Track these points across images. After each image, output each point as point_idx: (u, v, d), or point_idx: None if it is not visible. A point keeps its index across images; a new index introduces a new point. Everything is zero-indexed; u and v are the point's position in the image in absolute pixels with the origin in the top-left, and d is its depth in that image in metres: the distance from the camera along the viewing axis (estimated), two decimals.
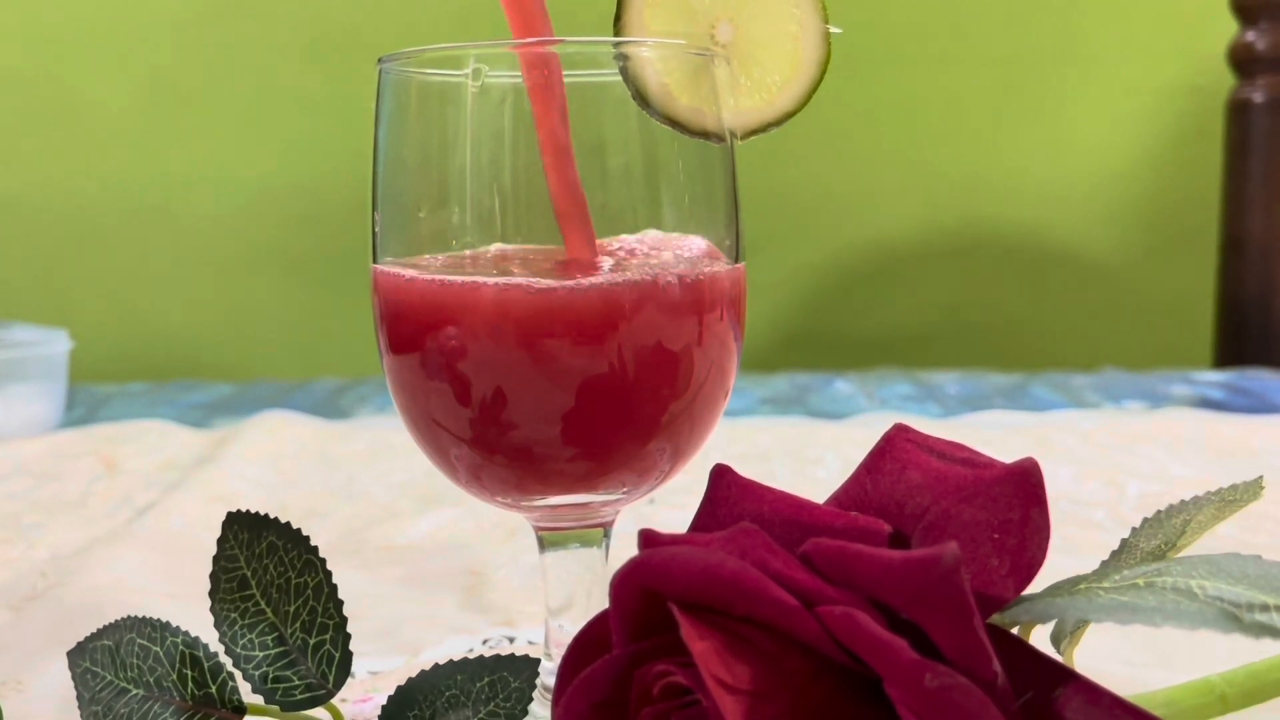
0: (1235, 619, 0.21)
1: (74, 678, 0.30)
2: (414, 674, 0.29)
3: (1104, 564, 0.30)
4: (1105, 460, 0.66)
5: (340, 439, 0.76)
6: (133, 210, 1.32)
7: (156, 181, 1.32)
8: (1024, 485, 0.24)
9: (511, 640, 0.43)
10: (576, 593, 0.34)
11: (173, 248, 1.33)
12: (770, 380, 0.96)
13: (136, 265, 1.33)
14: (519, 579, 0.50)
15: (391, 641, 0.43)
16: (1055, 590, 0.25)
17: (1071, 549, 0.52)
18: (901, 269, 1.31)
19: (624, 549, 0.26)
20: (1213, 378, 0.92)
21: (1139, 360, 1.15)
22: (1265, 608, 0.22)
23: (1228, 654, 0.32)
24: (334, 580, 0.29)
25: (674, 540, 0.23)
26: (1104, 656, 0.39)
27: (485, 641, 0.43)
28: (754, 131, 0.33)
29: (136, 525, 0.56)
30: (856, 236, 1.31)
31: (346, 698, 0.38)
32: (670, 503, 0.59)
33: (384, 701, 0.29)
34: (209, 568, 0.30)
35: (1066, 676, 0.22)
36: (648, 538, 0.24)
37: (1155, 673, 0.38)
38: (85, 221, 1.32)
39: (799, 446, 0.72)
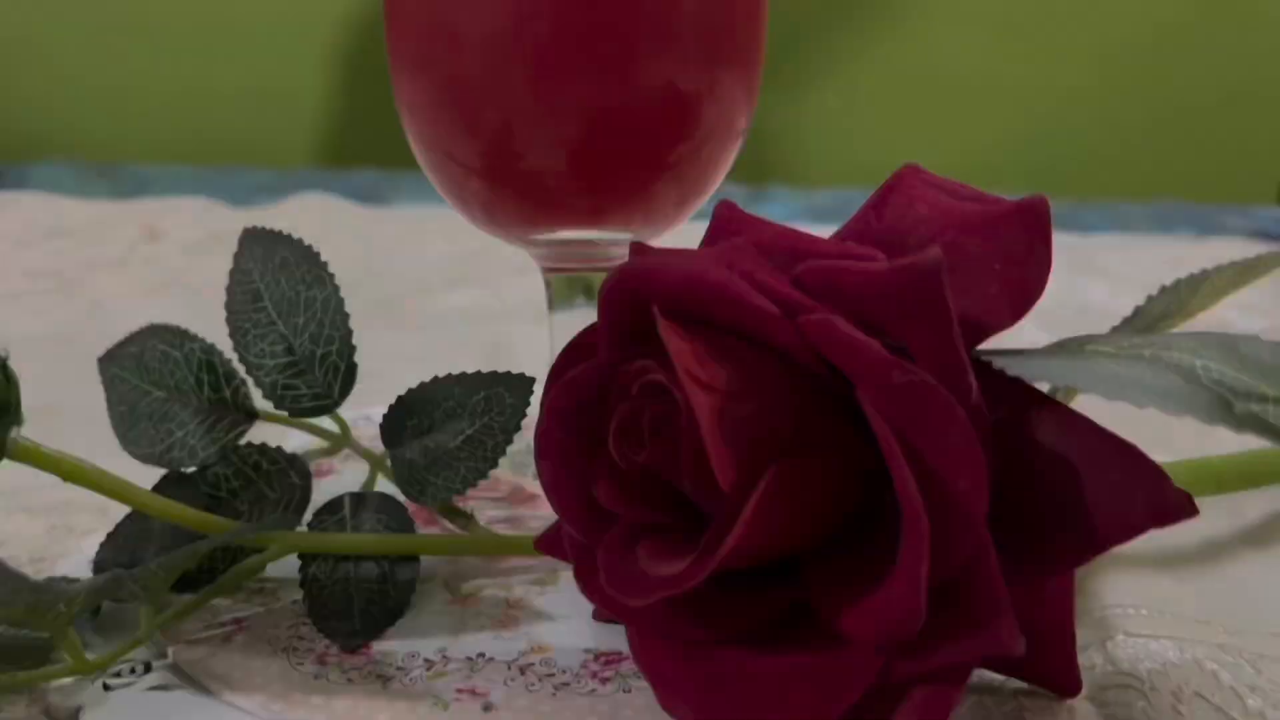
0: (1227, 407, 0.20)
1: (104, 383, 0.32)
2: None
3: (1115, 329, 0.30)
4: (1146, 279, 0.65)
5: (378, 222, 0.77)
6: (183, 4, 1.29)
7: None
8: (1031, 219, 0.23)
9: None
10: None
11: (231, 32, 1.31)
12: (813, 193, 0.94)
13: (191, 49, 1.31)
14: (540, 353, 0.51)
15: None
16: (1058, 347, 0.24)
17: None
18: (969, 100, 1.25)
19: None
20: (1274, 213, 0.89)
21: (1197, 192, 1.10)
22: (1263, 398, 0.20)
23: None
24: (341, 295, 0.30)
25: (664, 251, 0.23)
26: None
27: None
28: None
29: (174, 283, 0.58)
30: (922, 61, 1.25)
31: (361, 435, 0.40)
32: None
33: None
34: None
35: (1044, 401, 0.22)
36: (638, 248, 0.24)
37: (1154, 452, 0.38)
38: (136, 11, 1.30)
39: None
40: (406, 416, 0.29)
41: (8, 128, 1.15)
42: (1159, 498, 0.20)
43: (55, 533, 0.33)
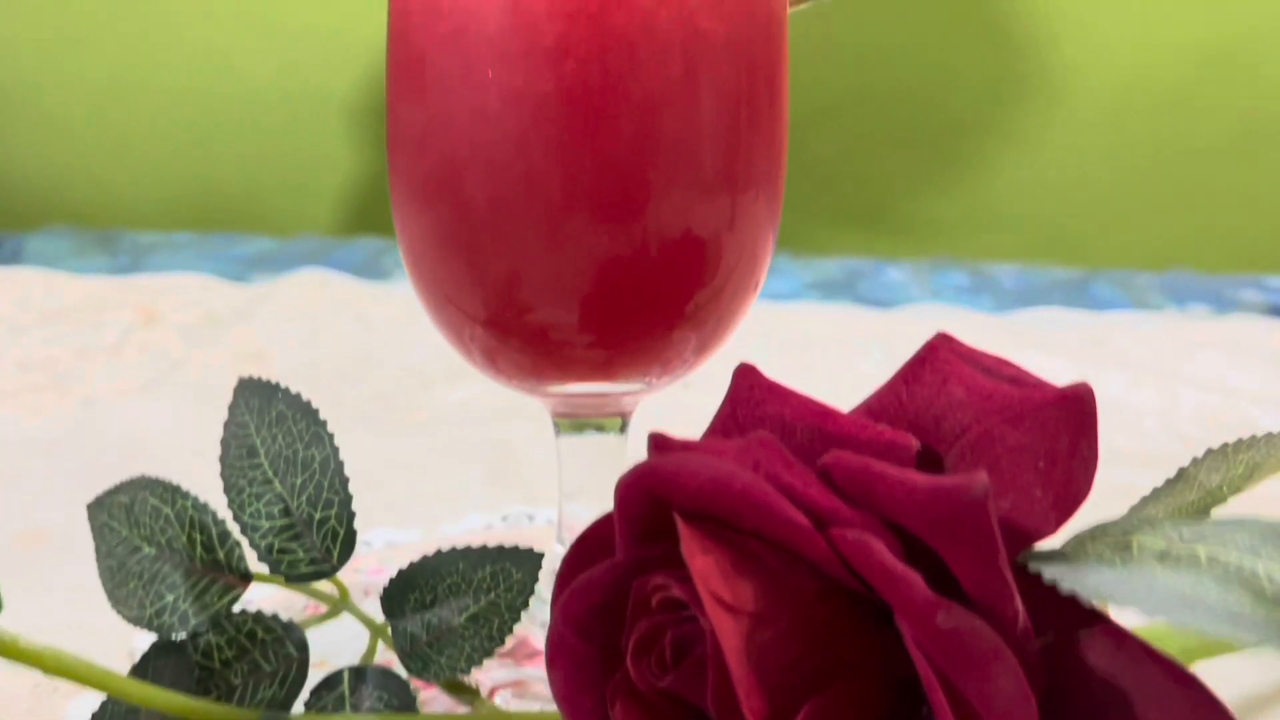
0: None
1: (93, 531, 0.30)
2: (428, 550, 0.28)
3: (1158, 491, 0.28)
4: (1162, 366, 0.64)
5: (377, 300, 0.76)
6: (190, 57, 1.29)
7: (215, 27, 1.28)
8: (1075, 412, 0.22)
9: (531, 518, 0.43)
10: (592, 478, 0.34)
11: (227, 94, 1.30)
12: (819, 263, 0.93)
13: (190, 111, 1.31)
14: (547, 454, 0.50)
15: (412, 512, 0.43)
16: (1099, 540, 0.22)
17: (1118, 460, 0.49)
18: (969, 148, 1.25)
19: (645, 433, 0.25)
20: None
21: (1210, 260, 1.09)
22: None
23: None
24: (341, 456, 0.28)
25: (685, 446, 0.22)
26: None
27: (504, 518, 0.43)
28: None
29: (170, 378, 0.57)
30: (922, 115, 1.24)
31: (361, 567, 0.38)
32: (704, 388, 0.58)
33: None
34: None
35: (1093, 618, 0.20)
36: (658, 442, 0.22)
37: None
38: (140, 65, 1.30)
39: (844, 335, 0.70)
40: (408, 589, 0.27)
41: (4, 192, 1.14)
42: None
43: (40, 692, 0.32)
